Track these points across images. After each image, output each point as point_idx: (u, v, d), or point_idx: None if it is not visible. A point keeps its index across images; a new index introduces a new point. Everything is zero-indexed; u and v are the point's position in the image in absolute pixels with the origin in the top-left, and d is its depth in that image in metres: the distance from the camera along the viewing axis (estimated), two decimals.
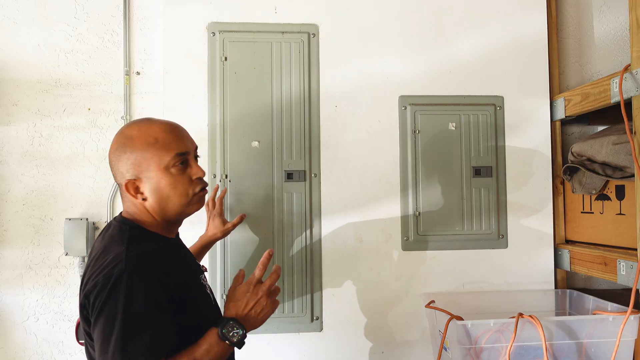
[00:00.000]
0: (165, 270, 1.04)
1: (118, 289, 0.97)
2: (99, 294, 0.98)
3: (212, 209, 1.58)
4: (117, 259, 1.00)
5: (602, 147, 1.53)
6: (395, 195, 1.72)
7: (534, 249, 1.75)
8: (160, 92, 1.73)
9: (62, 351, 1.73)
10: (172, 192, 1.10)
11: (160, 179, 1.09)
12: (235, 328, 1.07)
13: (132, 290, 0.97)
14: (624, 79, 1.38)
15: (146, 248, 1.06)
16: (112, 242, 1.07)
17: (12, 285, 1.73)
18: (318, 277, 1.69)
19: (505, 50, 1.78)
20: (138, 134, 1.09)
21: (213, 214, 1.57)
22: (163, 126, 1.11)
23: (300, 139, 1.69)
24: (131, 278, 0.97)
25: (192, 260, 1.23)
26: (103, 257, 1.04)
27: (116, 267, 0.99)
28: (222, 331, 1.06)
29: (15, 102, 1.75)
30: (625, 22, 1.92)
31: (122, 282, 0.97)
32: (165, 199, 1.10)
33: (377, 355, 1.70)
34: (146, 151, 1.08)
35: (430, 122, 1.74)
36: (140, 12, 1.80)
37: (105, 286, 0.98)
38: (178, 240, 1.22)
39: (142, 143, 1.08)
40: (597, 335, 1.39)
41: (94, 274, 1.02)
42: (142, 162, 1.08)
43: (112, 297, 0.97)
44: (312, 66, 1.72)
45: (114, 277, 0.97)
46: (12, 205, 1.74)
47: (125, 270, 0.98)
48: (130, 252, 1.02)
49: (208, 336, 1.06)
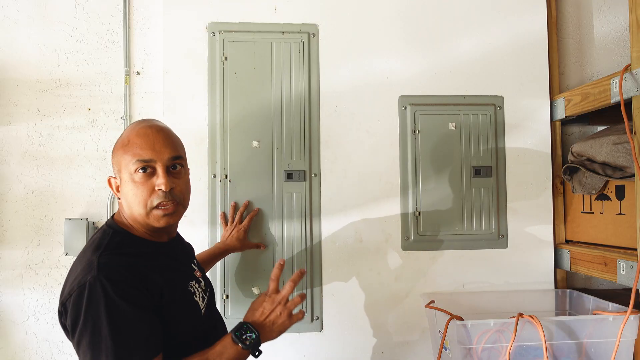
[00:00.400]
0: (138, 276, 1.02)
1: (95, 295, 0.96)
2: (76, 303, 0.97)
3: (238, 221, 1.61)
4: (90, 266, 1.00)
5: (602, 147, 1.53)
6: (395, 195, 1.72)
7: (534, 249, 1.75)
8: (160, 92, 1.73)
9: (62, 351, 1.73)
10: (132, 198, 1.07)
11: (126, 183, 1.08)
12: (249, 331, 1.07)
13: (108, 294, 0.96)
14: (624, 79, 1.38)
15: (121, 254, 1.04)
16: (90, 247, 1.06)
17: (12, 285, 1.73)
18: (318, 277, 1.69)
19: (505, 50, 1.78)
20: (124, 134, 1.12)
21: (239, 228, 1.59)
22: (140, 129, 1.09)
23: (300, 139, 1.69)
24: (103, 283, 0.97)
25: (182, 267, 1.19)
26: (79, 263, 1.04)
27: (88, 274, 0.98)
28: (236, 333, 1.06)
29: (15, 102, 1.75)
30: (625, 22, 1.92)
31: (97, 288, 0.96)
32: (129, 204, 1.08)
33: (377, 355, 1.70)
34: (120, 151, 1.09)
35: (430, 122, 1.74)
36: (140, 12, 1.80)
37: (81, 294, 0.97)
38: (170, 245, 1.18)
39: (120, 143, 1.11)
40: (597, 335, 1.39)
41: (68, 280, 1.02)
42: (119, 162, 1.09)
43: (91, 305, 0.96)
44: (312, 66, 1.72)
45: (88, 285, 0.97)
46: (12, 205, 1.74)
47: (97, 276, 0.97)
48: (102, 258, 1.01)
49: (222, 339, 1.07)
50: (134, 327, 0.97)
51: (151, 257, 1.10)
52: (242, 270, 1.66)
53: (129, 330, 0.97)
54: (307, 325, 1.67)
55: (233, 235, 1.58)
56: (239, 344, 1.05)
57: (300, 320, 1.16)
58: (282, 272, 1.19)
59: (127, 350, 0.96)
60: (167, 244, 1.17)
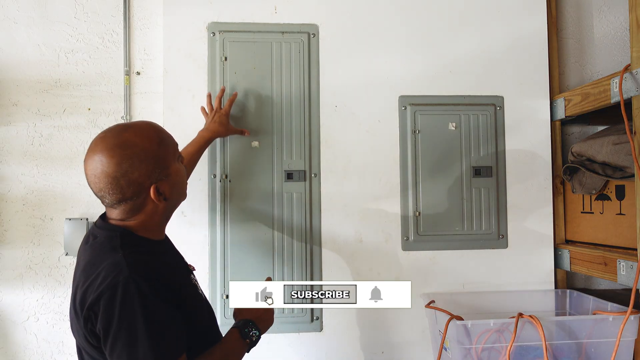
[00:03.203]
0: (163, 273, 1.03)
1: (128, 295, 0.95)
2: (108, 305, 0.95)
3: (218, 107, 1.61)
4: (118, 267, 0.97)
5: (602, 147, 1.53)
6: (395, 195, 1.72)
7: (534, 249, 1.75)
8: (160, 92, 1.73)
9: (62, 351, 1.73)
10: (182, 182, 1.15)
11: (176, 173, 1.11)
12: (254, 329, 1.17)
13: (143, 293, 0.95)
14: (624, 79, 1.38)
15: (141, 253, 1.04)
16: (103, 250, 1.03)
17: (12, 285, 1.73)
18: (318, 277, 1.68)
19: (505, 50, 1.78)
20: (141, 140, 1.05)
21: (220, 113, 1.60)
22: (151, 127, 1.10)
23: (300, 138, 1.69)
24: (137, 282, 0.96)
25: (182, 262, 1.22)
26: (98, 267, 1.00)
27: (120, 275, 0.96)
28: (245, 330, 1.15)
29: (15, 102, 1.75)
30: (625, 22, 1.92)
31: (131, 288, 0.95)
32: (180, 190, 1.14)
33: (377, 355, 1.70)
34: (160, 149, 1.06)
35: (430, 122, 1.74)
36: (140, 12, 1.80)
37: (113, 296, 0.95)
38: (167, 241, 1.21)
39: (151, 144, 1.05)
40: (597, 335, 1.39)
41: (92, 285, 0.98)
42: (159, 162, 1.06)
43: (126, 305, 0.94)
44: (312, 66, 1.72)
45: (120, 285, 0.95)
46: (12, 205, 1.74)
47: (130, 276, 0.96)
48: (128, 258, 0.99)
49: (230, 335, 1.14)
50: (168, 326, 0.97)
51: (160, 254, 1.11)
52: (242, 270, 1.66)
53: (164, 329, 0.96)
54: (307, 325, 1.67)
55: (215, 120, 1.59)
56: (246, 339, 1.15)
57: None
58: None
59: (165, 349, 0.96)
60: (165, 242, 1.19)
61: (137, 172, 1.02)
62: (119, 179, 1.01)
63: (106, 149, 1.02)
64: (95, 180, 1.03)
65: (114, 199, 1.04)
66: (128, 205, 1.05)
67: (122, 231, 1.06)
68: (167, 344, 0.97)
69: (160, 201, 1.07)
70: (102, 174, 1.01)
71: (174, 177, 1.10)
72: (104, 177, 1.01)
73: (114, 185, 1.02)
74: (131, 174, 1.02)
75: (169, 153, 1.09)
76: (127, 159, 1.02)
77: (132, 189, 1.03)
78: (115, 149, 1.02)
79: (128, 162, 1.02)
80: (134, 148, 1.03)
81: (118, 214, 1.07)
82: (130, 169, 1.02)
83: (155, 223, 1.11)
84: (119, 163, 1.01)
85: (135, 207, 1.06)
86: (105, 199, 1.05)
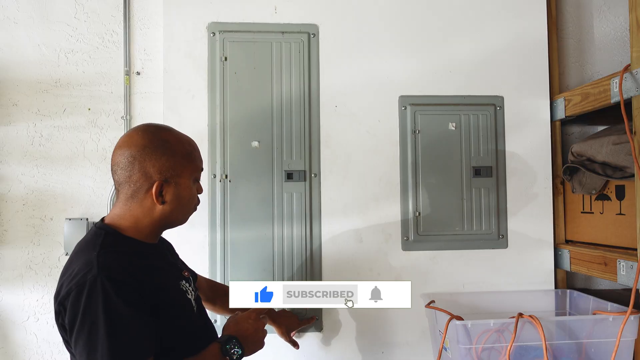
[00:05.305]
0: (136, 276, 1.03)
1: (94, 295, 0.96)
2: (75, 302, 0.97)
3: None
4: (89, 265, 0.99)
5: (602, 147, 1.53)
6: (395, 195, 1.72)
7: (534, 249, 1.75)
8: (160, 92, 1.73)
9: (62, 351, 1.72)
10: (187, 202, 1.16)
11: (186, 188, 1.14)
12: (236, 347, 1.14)
13: (108, 294, 0.96)
14: (624, 79, 1.38)
15: (118, 253, 1.05)
16: (85, 247, 1.06)
17: (12, 285, 1.73)
18: (318, 277, 1.68)
19: (505, 50, 1.78)
20: (175, 142, 1.13)
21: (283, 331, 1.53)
22: (190, 140, 1.19)
23: (300, 139, 1.69)
24: (104, 283, 0.97)
25: (172, 267, 1.22)
26: (75, 263, 1.03)
27: (89, 274, 0.98)
28: (226, 346, 1.12)
29: (15, 102, 1.75)
30: (625, 22, 1.92)
31: (97, 288, 0.96)
32: (181, 207, 1.15)
33: (377, 355, 1.70)
34: (184, 159, 1.13)
35: (430, 122, 1.74)
36: (140, 12, 1.80)
37: (80, 293, 0.97)
38: (159, 245, 1.21)
39: (181, 150, 1.13)
40: (597, 335, 1.39)
41: (66, 280, 1.01)
42: (176, 167, 1.11)
43: (90, 304, 0.96)
44: (312, 66, 1.72)
45: (87, 284, 0.97)
46: (12, 205, 1.74)
47: (98, 275, 0.97)
48: (100, 257, 1.01)
49: (211, 348, 1.11)
50: (130, 329, 0.98)
51: (145, 256, 1.11)
52: (242, 270, 1.66)
53: (126, 332, 0.97)
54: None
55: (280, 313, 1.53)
56: (226, 356, 1.12)
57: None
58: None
59: (123, 352, 0.96)
60: (157, 245, 1.19)
61: (153, 162, 1.08)
62: (136, 159, 1.08)
63: (143, 131, 1.11)
64: (118, 152, 1.10)
65: (122, 176, 1.09)
66: (130, 189, 1.09)
67: (109, 231, 1.09)
68: (127, 347, 0.97)
69: (158, 202, 1.09)
70: (126, 147, 1.09)
71: (181, 189, 1.12)
72: (126, 150, 1.08)
73: (129, 162, 1.08)
74: (148, 161, 1.08)
75: (189, 167, 1.14)
76: (153, 148, 1.09)
77: (140, 174, 1.08)
78: (151, 135, 1.10)
79: (151, 150, 1.08)
80: (165, 144, 1.10)
81: (117, 204, 1.12)
82: (149, 157, 1.08)
83: (147, 225, 1.12)
84: (145, 146, 1.08)
85: (134, 195, 1.10)
86: (115, 174, 1.11)
